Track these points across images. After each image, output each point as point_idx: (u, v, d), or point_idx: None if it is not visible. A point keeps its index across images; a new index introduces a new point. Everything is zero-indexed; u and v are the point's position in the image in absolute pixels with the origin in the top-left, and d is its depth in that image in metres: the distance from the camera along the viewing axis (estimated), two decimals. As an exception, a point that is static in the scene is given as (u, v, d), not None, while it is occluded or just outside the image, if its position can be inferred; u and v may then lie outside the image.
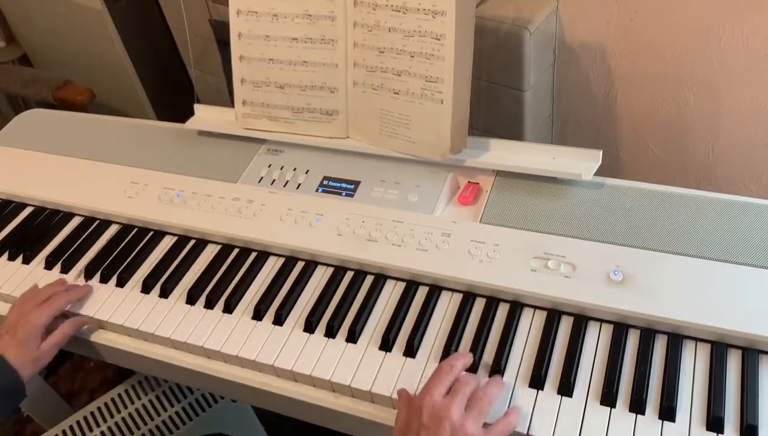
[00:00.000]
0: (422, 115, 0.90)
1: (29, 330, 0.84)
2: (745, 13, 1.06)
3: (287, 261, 0.91)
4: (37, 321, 0.85)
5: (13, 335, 0.84)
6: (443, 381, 0.69)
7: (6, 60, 2.02)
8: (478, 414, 0.66)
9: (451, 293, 0.83)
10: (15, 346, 0.83)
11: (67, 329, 0.87)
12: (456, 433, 0.64)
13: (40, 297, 0.88)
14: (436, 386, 0.68)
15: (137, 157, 1.07)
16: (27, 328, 0.84)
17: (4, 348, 0.82)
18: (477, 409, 0.66)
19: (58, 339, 0.86)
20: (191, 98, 1.71)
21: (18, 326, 0.84)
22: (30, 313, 0.86)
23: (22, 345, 0.83)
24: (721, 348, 0.71)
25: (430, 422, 0.65)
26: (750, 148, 1.21)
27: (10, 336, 0.84)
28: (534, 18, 1.18)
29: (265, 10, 0.96)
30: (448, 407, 0.65)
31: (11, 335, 0.84)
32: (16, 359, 0.82)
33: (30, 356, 0.83)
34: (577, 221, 0.84)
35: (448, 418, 0.64)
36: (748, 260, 0.76)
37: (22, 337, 0.83)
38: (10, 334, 0.84)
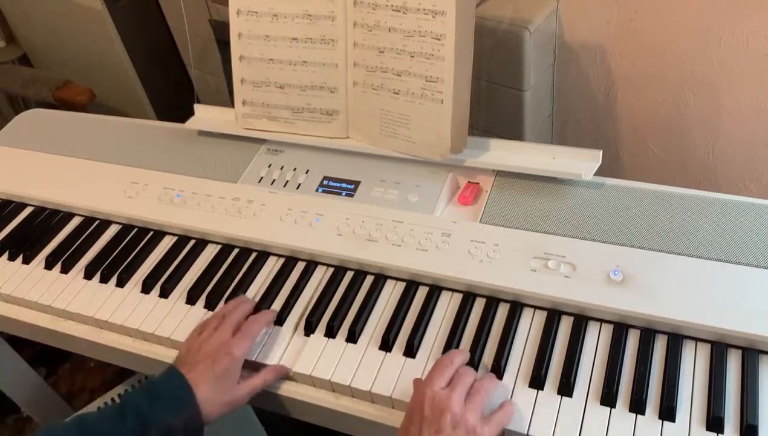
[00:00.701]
0: (422, 115, 0.90)
1: (229, 365, 0.73)
2: (745, 13, 1.06)
3: (287, 261, 0.91)
4: (238, 354, 0.74)
5: (210, 366, 0.72)
6: (443, 374, 0.70)
7: (6, 60, 2.02)
8: (477, 405, 0.67)
9: (451, 293, 0.83)
10: (211, 381, 0.72)
11: (270, 378, 0.77)
12: (457, 424, 0.65)
13: (235, 322, 0.78)
14: (437, 378, 0.69)
15: (137, 157, 1.07)
16: (226, 361, 0.73)
17: (199, 381, 0.71)
18: (476, 400, 0.67)
19: (257, 386, 0.75)
20: (191, 98, 1.71)
21: (217, 358, 0.73)
22: (229, 344, 0.74)
23: (218, 382, 0.72)
24: (721, 348, 0.71)
25: (431, 413, 0.65)
26: (750, 148, 1.21)
27: (207, 366, 0.72)
28: (534, 18, 1.18)
29: (265, 10, 0.96)
30: (448, 399, 0.66)
31: (207, 365, 0.72)
32: (207, 396, 0.71)
33: (223, 398, 0.72)
34: (577, 221, 0.84)
35: (449, 409, 0.65)
36: (748, 260, 0.76)
37: (220, 372, 0.72)
38: (206, 364, 0.73)
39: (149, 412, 0.69)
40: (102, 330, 0.90)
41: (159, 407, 0.70)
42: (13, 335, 1.00)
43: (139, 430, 0.68)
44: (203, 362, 0.73)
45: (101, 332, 0.90)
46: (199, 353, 0.75)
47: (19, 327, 0.96)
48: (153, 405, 0.70)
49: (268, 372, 0.77)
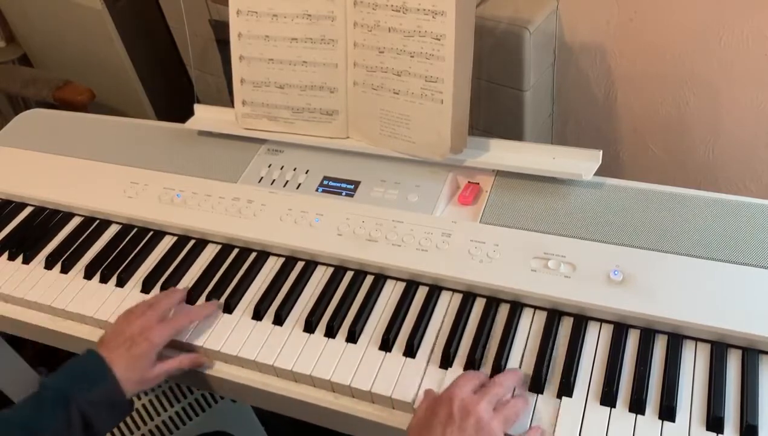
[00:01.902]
0: (422, 115, 0.90)
1: (146, 348, 0.78)
2: (745, 13, 1.06)
3: (287, 261, 0.91)
4: (157, 340, 0.78)
5: (128, 349, 0.77)
6: (472, 380, 0.69)
7: (6, 60, 2.02)
8: (505, 419, 0.66)
9: (451, 293, 0.83)
10: (126, 361, 0.76)
11: (185, 363, 0.81)
12: (481, 430, 0.64)
13: (161, 311, 0.82)
14: (467, 383, 0.68)
15: (137, 157, 1.07)
16: (144, 346, 0.78)
17: (116, 360, 0.76)
18: (504, 414, 0.67)
19: (172, 368, 0.80)
20: (191, 98, 1.71)
21: (135, 340, 0.78)
22: (151, 329, 0.79)
23: (133, 362, 0.77)
24: (721, 348, 0.71)
25: (458, 413, 0.65)
26: (750, 148, 1.21)
27: (125, 349, 0.77)
28: (534, 18, 1.18)
29: (265, 10, 0.96)
30: (477, 402, 0.66)
31: (126, 347, 0.77)
32: (123, 374, 0.76)
33: (137, 376, 0.77)
34: (577, 221, 0.84)
35: (475, 412, 0.65)
36: (748, 260, 0.76)
37: (137, 353, 0.77)
38: (125, 347, 0.77)
39: (69, 391, 0.72)
40: (102, 330, 0.90)
41: (78, 385, 0.73)
42: (13, 335, 1.00)
43: (60, 410, 0.71)
44: (123, 345, 0.78)
45: (101, 332, 0.90)
46: (120, 336, 0.79)
47: (19, 327, 0.96)
48: (71, 384, 0.73)
49: (184, 359, 0.81)
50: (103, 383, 0.74)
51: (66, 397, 0.71)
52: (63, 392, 0.72)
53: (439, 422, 0.65)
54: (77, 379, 0.74)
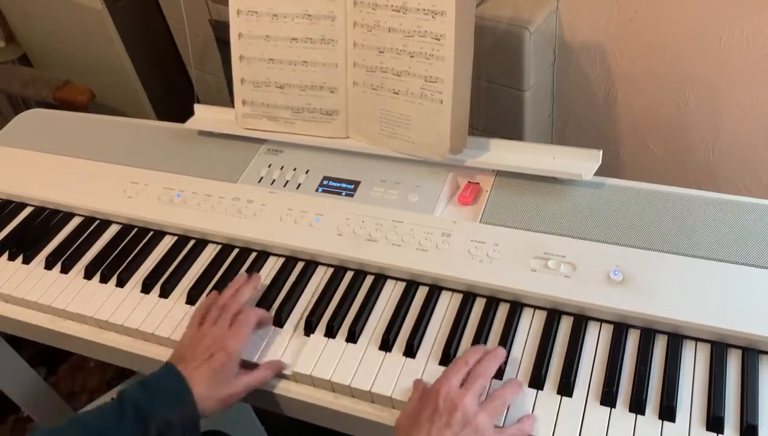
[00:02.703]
0: (422, 115, 0.90)
1: (225, 360, 0.73)
2: (745, 13, 1.06)
3: (287, 261, 0.91)
4: (236, 350, 0.74)
5: (208, 363, 0.72)
6: (459, 372, 0.69)
7: (6, 60, 2.03)
8: (491, 411, 0.67)
9: (451, 293, 0.83)
10: (207, 377, 0.72)
11: (268, 374, 0.77)
12: (468, 423, 0.64)
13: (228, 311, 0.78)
14: (453, 375, 0.69)
15: (137, 157, 1.07)
16: (223, 357, 0.73)
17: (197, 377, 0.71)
18: (491, 406, 0.67)
19: (255, 381, 0.75)
20: (191, 98, 1.71)
21: (214, 351, 0.73)
22: (227, 338, 0.74)
23: (214, 377, 0.72)
24: (721, 348, 0.71)
25: (443, 407, 0.65)
26: (750, 148, 1.21)
27: (203, 362, 0.72)
28: (534, 18, 1.18)
29: (265, 10, 0.96)
30: (462, 396, 0.66)
31: (206, 361, 0.72)
32: (204, 393, 0.71)
33: (220, 394, 0.72)
34: (577, 221, 0.84)
35: (462, 406, 0.65)
36: (748, 260, 0.76)
37: (217, 367, 0.72)
38: (203, 359, 0.73)
39: (148, 408, 0.69)
40: (102, 330, 0.90)
41: (157, 403, 0.70)
42: (13, 335, 1.00)
43: (139, 426, 0.68)
44: (200, 357, 0.73)
45: (101, 332, 0.90)
46: (198, 348, 0.75)
47: (19, 327, 0.96)
48: (151, 401, 0.70)
49: (266, 368, 0.77)
50: (183, 404, 0.71)
51: (145, 413, 0.69)
52: (143, 408, 0.69)
53: (426, 418, 0.65)
54: (157, 396, 0.70)
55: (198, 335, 0.77)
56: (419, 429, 0.64)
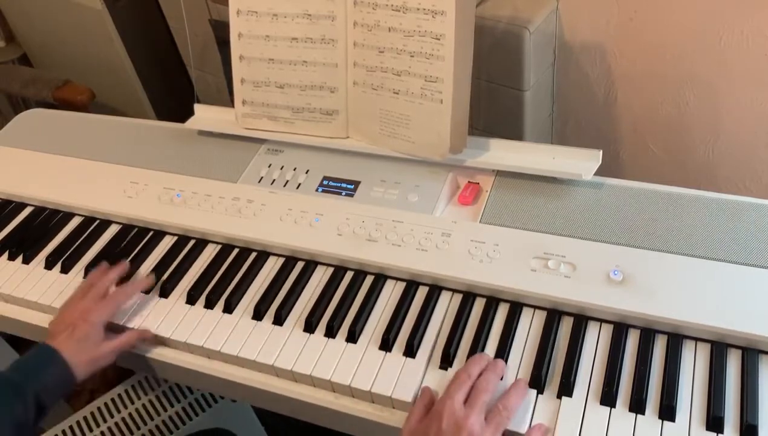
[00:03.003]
0: (422, 115, 0.90)
1: (88, 330, 0.81)
2: (745, 13, 1.06)
3: (287, 261, 0.91)
4: (97, 320, 0.82)
5: (70, 334, 0.81)
6: (462, 388, 0.69)
7: (6, 60, 2.03)
8: (496, 428, 0.66)
9: (451, 293, 0.83)
10: (72, 345, 0.80)
11: (132, 338, 0.84)
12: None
13: (98, 292, 0.86)
14: (456, 392, 0.68)
15: (137, 157, 1.07)
16: (85, 327, 0.81)
17: (62, 346, 0.79)
18: (496, 422, 0.67)
19: (120, 344, 0.83)
20: (191, 98, 1.71)
21: (77, 324, 0.81)
22: (89, 311, 0.83)
23: (79, 344, 0.80)
24: (721, 348, 0.71)
25: (448, 429, 0.65)
26: (750, 148, 1.21)
27: (67, 335, 0.81)
28: (534, 18, 1.18)
29: (265, 10, 0.96)
30: (467, 417, 0.65)
31: (68, 333, 0.81)
32: (72, 357, 0.79)
33: (87, 356, 0.80)
34: (577, 221, 0.84)
35: (466, 428, 0.65)
36: (748, 260, 0.76)
37: (80, 336, 0.81)
38: (67, 332, 0.81)
39: (21, 381, 0.76)
40: (102, 330, 0.90)
41: (29, 374, 0.77)
42: (13, 335, 1.00)
43: (15, 399, 0.75)
44: (64, 330, 0.81)
45: (101, 332, 0.90)
46: (62, 323, 0.83)
47: (19, 327, 0.96)
48: (23, 375, 0.77)
49: (131, 334, 0.85)
50: (53, 365, 0.78)
51: (19, 385, 0.76)
52: (16, 381, 0.76)
53: None
54: (28, 367, 0.78)
55: (64, 312, 0.85)
56: None
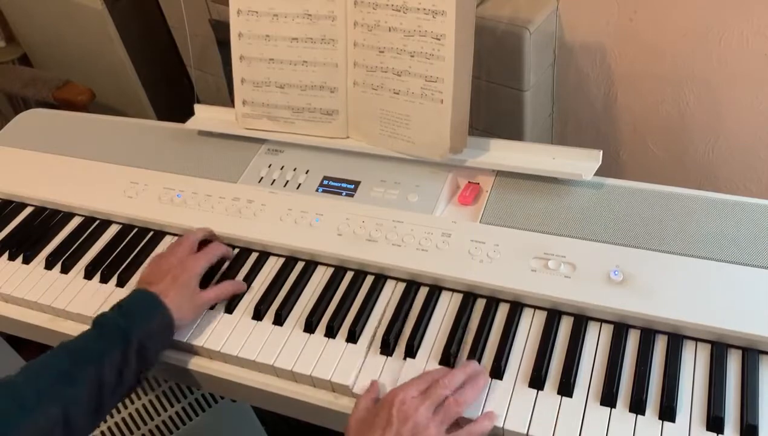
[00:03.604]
0: (422, 115, 0.90)
1: (188, 277, 0.83)
2: (745, 13, 1.06)
3: (287, 261, 0.91)
4: (196, 269, 0.84)
5: (173, 280, 0.82)
6: (417, 385, 0.70)
7: (6, 60, 2.03)
8: (443, 419, 0.67)
9: (451, 293, 0.83)
10: (175, 291, 0.81)
11: (230, 288, 0.86)
12: (418, 434, 0.65)
13: (191, 245, 0.88)
14: (410, 387, 0.70)
15: (137, 157, 1.07)
16: (186, 275, 0.83)
17: (165, 292, 0.80)
18: (444, 414, 0.67)
19: (220, 293, 0.85)
20: (191, 98, 1.71)
21: (177, 271, 0.83)
22: (187, 260, 0.85)
23: (181, 290, 0.82)
24: (721, 348, 0.71)
25: (396, 418, 0.66)
26: (750, 148, 1.21)
27: (170, 281, 0.82)
28: (534, 18, 1.18)
29: (265, 10, 0.96)
30: (416, 408, 0.67)
31: (170, 280, 0.82)
32: (174, 302, 0.80)
33: (188, 303, 0.82)
34: (577, 221, 0.84)
35: (413, 417, 0.66)
36: (748, 260, 0.76)
37: (182, 282, 0.82)
38: (169, 279, 0.82)
39: (126, 325, 0.76)
40: (102, 330, 0.90)
41: (134, 319, 0.77)
42: (13, 335, 1.00)
43: (120, 343, 0.75)
44: (165, 278, 0.83)
45: (101, 332, 0.90)
46: (161, 272, 0.84)
47: (19, 327, 0.96)
48: (128, 319, 0.77)
49: (229, 284, 0.87)
50: (158, 311, 0.79)
51: (124, 330, 0.76)
52: (121, 326, 0.76)
53: (378, 425, 0.67)
54: (133, 312, 0.78)
55: (160, 262, 0.87)
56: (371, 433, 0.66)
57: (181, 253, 0.87)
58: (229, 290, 0.86)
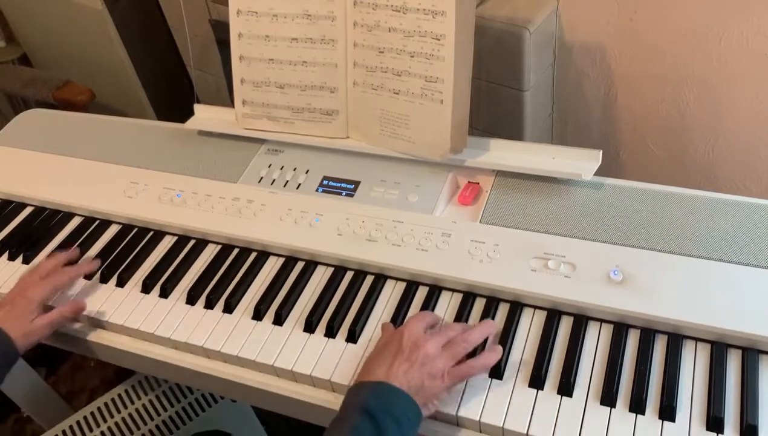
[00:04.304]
0: (422, 115, 0.90)
1: (25, 305, 0.85)
2: (745, 13, 1.06)
3: (287, 261, 0.91)
4: (34, 296, 0.86)
5: (9, 310, 0.84)
6: (424, 319, 0.75)
7: (6, 60, 2.02)
8: (451, 354, 0.71)
9: (451, 293, 0.83)
10: (11, 318, 0.83)
11: (65, 311, 0.87)
12: (425, 364, 0.69)
13: (40, 273, 0.90)
14: (418, 321, 0.74)
15: (137, 157, 1.07)
16: (23, 303, 0.85)
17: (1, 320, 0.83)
18: (452, 350, 0.71)
19: (53, 318, 0.86)
20: (191, 98, 1.71)
21: (16, 300, 0.86)
22: (28, 288, 0.87)
23: (17, 319, 0.84)
24: (721, 348, 0.71)
25: (407, 347, 0.71)
26: (750, 148, 1.21)
27: (7, 310, 0.84)
28: (534, 18, 1.18)
29: (265, 10, 0.96)
30: (426, 340, 0.71)
31: (8, 309, 0.85)
32: (9, 330, 0.82)
33: (22, 329, 0.83)
34: (577, 221, 0.84)
35: (423, 348, 0.70)
36: (748, 260, 0.76)
37: (18, 311, 0.84)
38: (6, 308, 0.85)
39: None
40: (102, 330, 0.90)
41: None
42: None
43: None
44: (6, 306, 0.85)
45: (101, 332, 0.90)
46: (4, 300, 0.87)
47: (19, 327, 0.96)
48: None
49: (65, 306, 0.88)
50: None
51: None
52: None
53: (389, 353, 0.71)
54: None
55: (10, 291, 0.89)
56: (381, 363, 0.70)
57: (27, 280, 0.89)
58: (65, 313, 0.87)
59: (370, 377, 0.69)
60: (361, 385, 0.69)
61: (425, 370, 0.69)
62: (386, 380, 0.68)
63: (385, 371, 0.69)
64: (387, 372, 0.69)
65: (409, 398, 0.67)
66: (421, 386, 0.68)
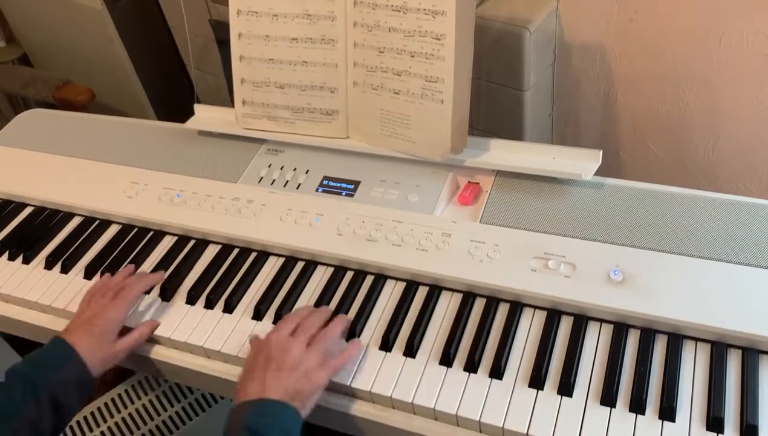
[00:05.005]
0: (422, 115, 0.90)
1: (105, 327, 0.81)
2: (745, 14, 1.06)
3: (287, 261, 0.91)
4: (115, 317, 0.82)
5: (89, 330, 0.80)
6: (287, 324, 0.77)
7: (6, 60, 2.02)
8: (315, 350, 0.74)
9: (451, 293, 0.83)
10: (88, 341, 0.79)
11: (144, 332, 0.84)
12: (296, 367, 0.72)
13: (112, 288, 0.86)
14: (282, 327, 0.76)
15: (137, 157, 1.07)
16: (102, 324, 0.81)
17: (78, 342, 0.78)
18: (315, 345, 0.74)
19: (133, 342, 0.83)
20: (191, 98, 1.71)
21: (94, 320, 0.81)
22: (107, 308, 0.83)
23: (95, 341, 0.79)
24: (721, 348, 0.71)
25: (275, 355, 0.73)
26: (750, 148, 1.21)
27: (86, 330, 0.80)
28: (534, 18, 1.18)
29: (265, 10, 0.96)
30: (289, 342, 0.74)
31: (86, 329, 0.80)
32: (86, 354, 0.78)
33: (101, 354, 0.79)
34: (577, 221, 0.84)
35: (289, 351, 0.73)
36: (748, 260, 0.76)
37: (97, 332, 0.80)
38: (85, 328, 0.80)
39: (36, 376, 0.74)
40: (102, 330, 0.90)
41: (44, 369, 0.76)
42: (13, 335, 1.00)
43: (30, 395, 0.73)
44: (82, 326, 0.81)
45: (101, 332, 0.90)
46: (80, 319, 0.83)
47: (19, 327, 0.96)
48: (38, 370, 0.75)
49: (143, 328, 0.85)
50: (69, 364, 0.77)
51: (33, 382, 0.74)
52: (30, 377, 0.74)
53: (260, 366, 0.72)
54: (43, 364, 0.77)
55: (83, 309, 0.85)
56: (254, 379, 0.71)
57: (103, 298, 0.84)
58: (145, 334, 0.84)
59: (248, 397, 0.70)
60: (242, 406, 0.69)
61: (299, 372, 0.71)
62: (264, 396, 0.69)
63: (259, 387, 0.70)
64: (263, 388, 0.70)
65: (289, 408, 0.69)
66: (298, 389, 0.70)
